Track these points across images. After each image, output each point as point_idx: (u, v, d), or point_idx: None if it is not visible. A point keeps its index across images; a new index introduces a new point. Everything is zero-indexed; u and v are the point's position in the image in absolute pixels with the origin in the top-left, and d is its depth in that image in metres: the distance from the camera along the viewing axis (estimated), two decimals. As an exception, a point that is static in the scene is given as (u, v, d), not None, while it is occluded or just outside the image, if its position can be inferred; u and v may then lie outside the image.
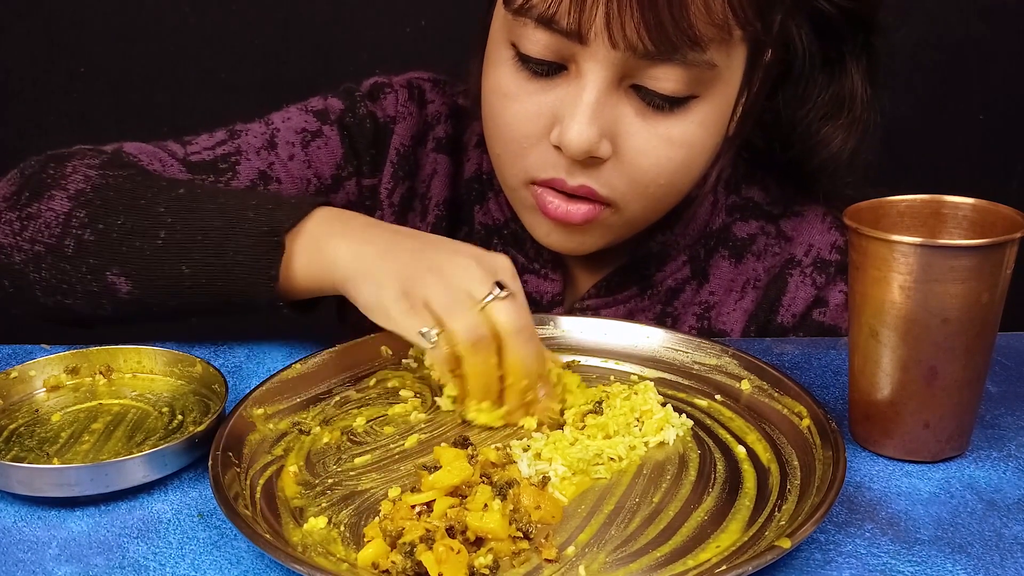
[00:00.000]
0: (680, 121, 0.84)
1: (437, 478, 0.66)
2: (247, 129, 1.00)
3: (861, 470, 0.72)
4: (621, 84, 0.83)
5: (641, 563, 0.62)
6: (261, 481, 0.69)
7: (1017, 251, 0.69)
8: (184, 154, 0.97)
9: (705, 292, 1.01)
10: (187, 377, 0.81)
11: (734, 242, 1.01)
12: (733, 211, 1.02)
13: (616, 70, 0.81)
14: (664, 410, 0.76)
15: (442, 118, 1.05)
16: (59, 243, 0.83)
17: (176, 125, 1.70)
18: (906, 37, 1.66)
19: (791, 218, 1.03)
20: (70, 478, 0.67)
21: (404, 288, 0.76)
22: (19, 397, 0.79)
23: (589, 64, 0.81)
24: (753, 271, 1.01)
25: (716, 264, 1.01)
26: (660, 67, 0.81)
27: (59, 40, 1.66)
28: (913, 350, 0.69)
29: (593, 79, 0.82)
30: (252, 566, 0.62)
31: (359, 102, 1.03)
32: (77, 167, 0.88)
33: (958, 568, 0.62)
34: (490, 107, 0.89)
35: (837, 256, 1.00)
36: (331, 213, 0.83)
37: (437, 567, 0.59)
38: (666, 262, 1.00)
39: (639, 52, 0.80)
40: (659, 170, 0.86)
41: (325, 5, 1.66)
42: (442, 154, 1.05)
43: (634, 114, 0.84)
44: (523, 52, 0.84)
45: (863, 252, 0.70)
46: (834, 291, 0.99)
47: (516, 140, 0.87)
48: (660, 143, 0.85)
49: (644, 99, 0.83)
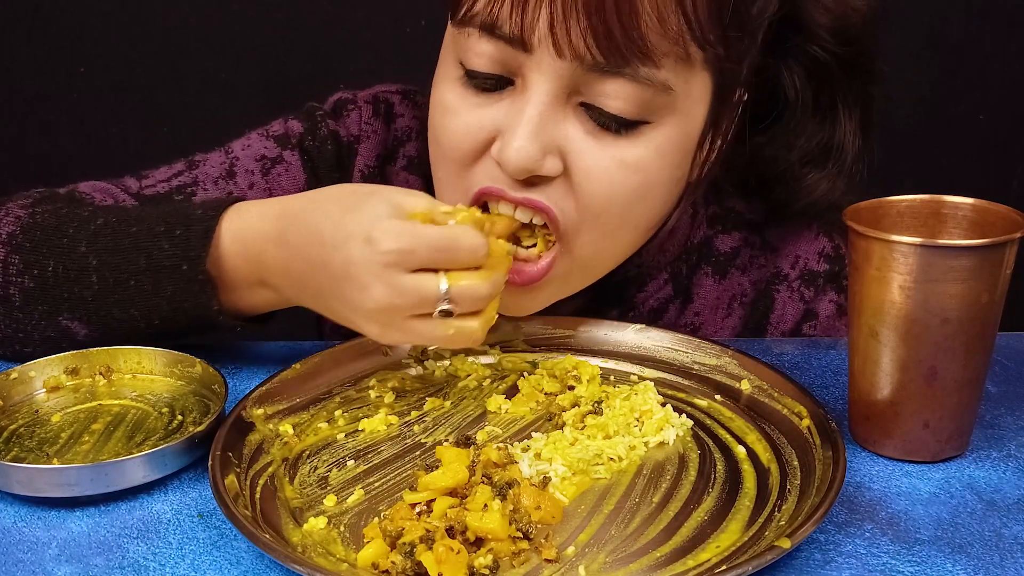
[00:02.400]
0: (633, 145, 0.79)
1: (433, 479, 0.66)
2: (206, 159, 0.98)
3: (861, 470, 0.72)
4: (569, 100, 0.78)
5: (641, 563, 0.62)
6: (261, 481, 0.69)
7: (1017, 251, 0.69)
8: (138, 188, 0.95)
9: (690, 313, 0.97)
10: (187, 378, 0.81)
11: (717, 257, 0.97)
12: (715, 222, 0.98)
13: (563, 82, 0.77)
14: (664, 410, 0.76)
15: (413, 134, 1.01)
16: (4, 293, 0.82)
17: (176, 125, 1.71)
18: (906, 37, 1.66)
19: (776, 226, 0.98)
20: (70, 478, 0.67)
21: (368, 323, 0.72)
22: (19, 398, 0.79)
23: (534, 75, 0.77)
24: (739, 286, 0.98)
25: (699, 282, 0.97)
26: (610, 83, 0.76)
27: (59, 40, 1.67)
28: (913, 350, 0.69)
29: (537, 91, 0.77)
30: (252, 566, 0.62)
31: (320, 122, 0.99)
32: (11, 209, 0.86)
33: (958, 568, 0.62)
34: (433, 125, 0.84)
35: (825, 265, 0.97)
36: (237, 228, 0.78)
37: (437, 567, 0.59)
38: (646, 282, 0.96)
39: (587, 63, 0.75)
40: (612, 195, 0.80)
41: (325, 5, 1.66)
42: (414, 175, 1.01)
43: (584, 133, 0.79)
44: (469, 68, 0.80)
45: (863, 252, 0.70)
46: (823, 302, 0.97)
47: (457, 157, 0.82)
48: (612, 164, 0.79)
49: (593, 119, 0.78)
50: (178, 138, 1.68)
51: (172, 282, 0.79)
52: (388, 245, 0.69)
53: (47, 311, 0.82)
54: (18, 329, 0.83)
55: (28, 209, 0.85)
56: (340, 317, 0.74)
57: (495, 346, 0.87)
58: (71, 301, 0.81)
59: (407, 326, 0.72)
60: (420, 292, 0.70)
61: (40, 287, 0.82)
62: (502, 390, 0.82)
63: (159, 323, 0.81)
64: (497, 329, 0.87)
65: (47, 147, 1.73)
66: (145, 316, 0.81)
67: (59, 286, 0.81)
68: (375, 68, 1.51)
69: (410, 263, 0.70)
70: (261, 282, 0.78)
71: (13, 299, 0.82)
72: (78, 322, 0.82)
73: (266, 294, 0.79)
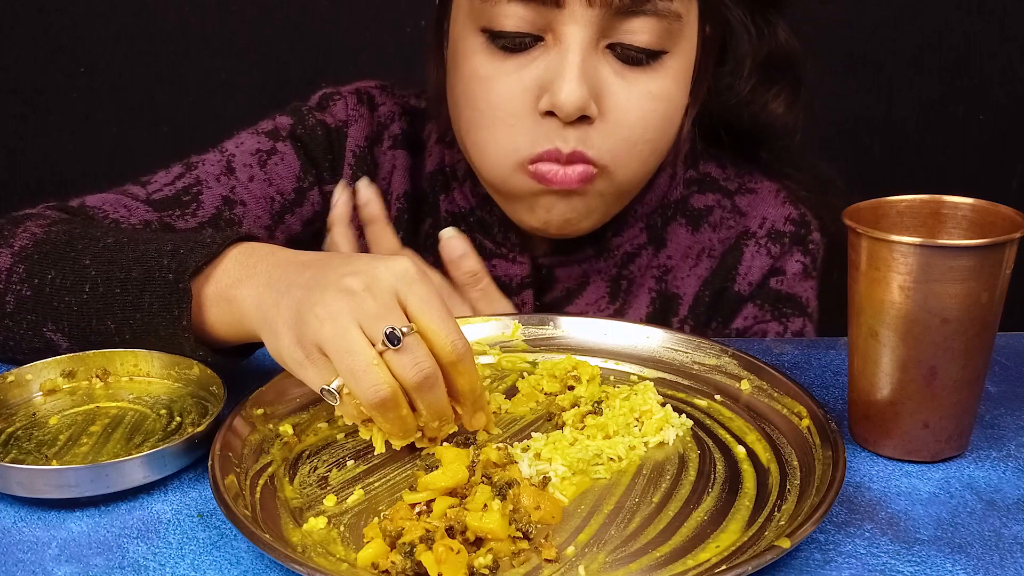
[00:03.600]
0: (656, 76, 0.88)
1: (433, 479, 0.66)
2: (202, 160, 1.00)
3: (861, 470, 0.72)
4: (598, 45, 0.86)
5: (641, 563, 0.62)
6: (261, 481, 0.69)
7: (1017, 251, 0.69)
8: (146, 195, 0.96)
9: (663, 256, 1.04)
10: (184, 379, 0.81)
11: (691, 212, 1.04)
12: (691, 184, 1.05)
13: (594, 28, 0.84)
14: (664, 410, 0.76)
15: (395, 116, 1.07)
16: (1, 300, 0.83)
17: (176, 125, 1.71)
18: (906, 37, 1.66)
19: (745, 194, 1.06)
20: (69, 479, 0.67)
21: (296, 334, 0.68)
22: (16, 401, 0.79)
23: (568, 27, 0.84)
24: (708, 240, 1.04)
25: (673, 231, 1.04)
26: (634, 20, 0.85)
27: (59, 40, 1.67)
28: (912, 350, 0.69)
29: (574, 40, 0.84)
30: (252, 566, 0.62)
31: (307, 115, 1.04)
32: (28, 227, 0.87)
33: (958, 568, 0.62)
34: (471, 95, 0.89)
35: (791, 228, 1.04)
36: (245, 251, 0.77)
37: (437, 567, 0.59)
38: (623, 230, 1.02)
39: (614, 7, 0.83)
40: (645, 125, 0.89)
41: (325, 5, 1.66)
42: (400, 150, 1.06)
43: (614, 74, 0.87)
44: (498, 30, 0.86)
45: (863, 252, 0.70)
46: (790, 260, 1.03)
47: (504, 119, 0.88)
48: (642, 98, 0.88)
49: (620, 57, 0.87)
50: (178, 138, 1.69)
51: (152, 292, 0.77)
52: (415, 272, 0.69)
53: (35, 321, 0.82)
54: (8, 337, 0.84)
55: (45, 228, 0.86)
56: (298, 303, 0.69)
57: (495, 346, 0.87)
58: (58, 311, 0.81)
59: (322, 344, 0.68)
60: (364, 327, 0.67)
61: (35, 295, 0.81)
62: (502, 390, 0.82)
63: (130, 338, 0.80)
64: (497, 329, 0.87)
65: (47, 147, 1.73)
66: (119, 330, 0.80)
67: (53, 295, 0.81)
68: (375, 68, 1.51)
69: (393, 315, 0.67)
70: (227, 298, 0.75)
71: (7, 306, 0.83)
72: (60, 334, 0.82)
73: (224, 306, 0.76)
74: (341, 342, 0.66)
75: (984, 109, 1.72)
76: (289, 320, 0.69)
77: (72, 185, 1.04)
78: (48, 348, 0.83)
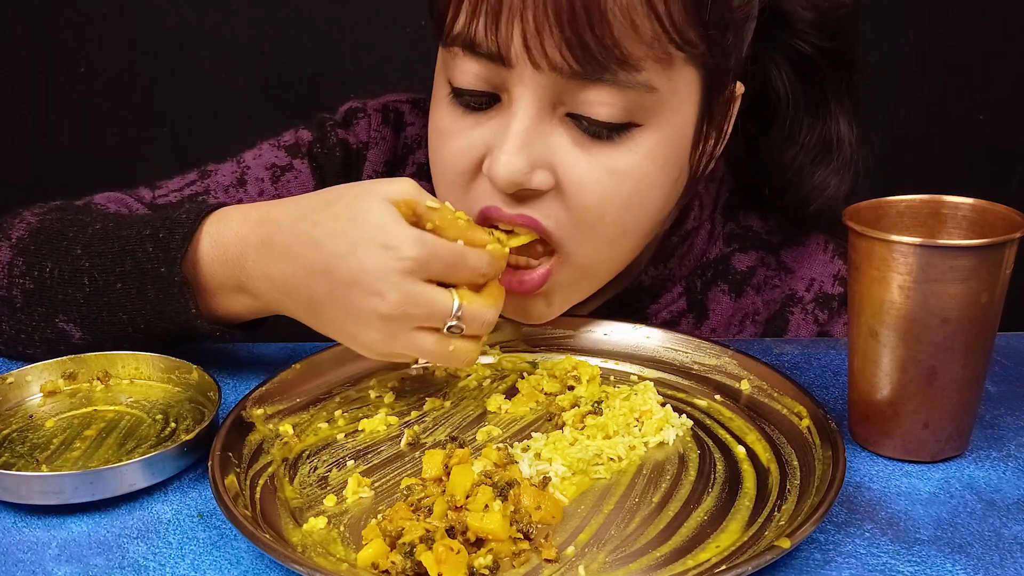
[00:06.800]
0: (624, 152, 0.78)
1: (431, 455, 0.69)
2: (218, 169, 0.99)
3: (861, 470, 0.72)
4: (555, 112, 0.78)
5: (641, 563, 0.62)
6: (261, 481, 0.69)
7: (1017, 251, 0.69)
8: (152, 198, 0.96)
9: (705, 329, 0.97)
10: (183, 384, 0.81)
11: (733, 275, 0.97)
12: (731, 240, 0.98)
13: (546, 93, 0.77)
14: (664, 410, 0.76)
15: (422, 141, 1.01)
16: (8, 294, 0.83)
17: (176, 125, 1.71)
18: (906, 37, 1.66)
19: (792, 247, 0.99)
20: (54, 486, 0.67)
21: (360, 349, 0.75)
22: (14, 402, 0.79)
23: (518, 89, 0.77)
24: (752, 304, 0.98)
25: (715, 298, 0.97)
26: (592, 90, 0.76)
27: (59, 40, 1.67)
28: (912, 350, 0.69)
29: (522, 105, 0.77)
30: (252, 566, 0.62)
31: (330, 131, 1.01)
32: (24, 216, 0.87)
33: (958, 568, 0.62)
34: (432, 148, 0.85)
35: (840, 288, 0.97)
36: (217, 231, 0.78)
37: (437, 567, 0.59)
38: (660, 294, 0.96)
39: (565, 73, 0.75)
40: (604, 206, 0.79)
41: (325, 5, 1.66)
42: (424, 182, 1.01)
43: (571, 144, 0.78)
44: (456, 86, 0.80)
45: (862, 252, 0.70)
46: (838, 325, 0.97)
47: (454, 178, 0.82)
48: (603, 175, 0.78)
49: (581, 128, 0.78)
50: (178, 138, 1.69)
51: (153, 285, 0.78)
52: (408, 252, 0.70)
53: (45, 313, 0.82)
54: (20, 331, 0.84)
55: (39, 216, 0.87)
56: (334, 325, 0.74)
57: (495, 346, 0.87)
58: (66, 303, 0.81)
59: (411, 337, 0.72)
60: (434, 304, 0.72)
61: (39, 289, 0.82)
62: (502, 390, 0.82)
63: (144, 327, 0.81)
64: (498, 329, 0.87)
65: (47, 147, 1.73)
66: (132, 320, 0.81)
67: (55, 288, 0.81)
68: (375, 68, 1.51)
69: (427, 272, 0.71)
70: (240, 288, 0.78)
71: (15, 301, 0.83)
72: (73, 324, 0.82)
73: (245, 300, 0.79)
74: (416, 353, 0.74)
75: (984, 109, 1.72)
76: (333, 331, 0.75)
77: (73, 185, 1.04)
78: (61, 338, 0.83)
